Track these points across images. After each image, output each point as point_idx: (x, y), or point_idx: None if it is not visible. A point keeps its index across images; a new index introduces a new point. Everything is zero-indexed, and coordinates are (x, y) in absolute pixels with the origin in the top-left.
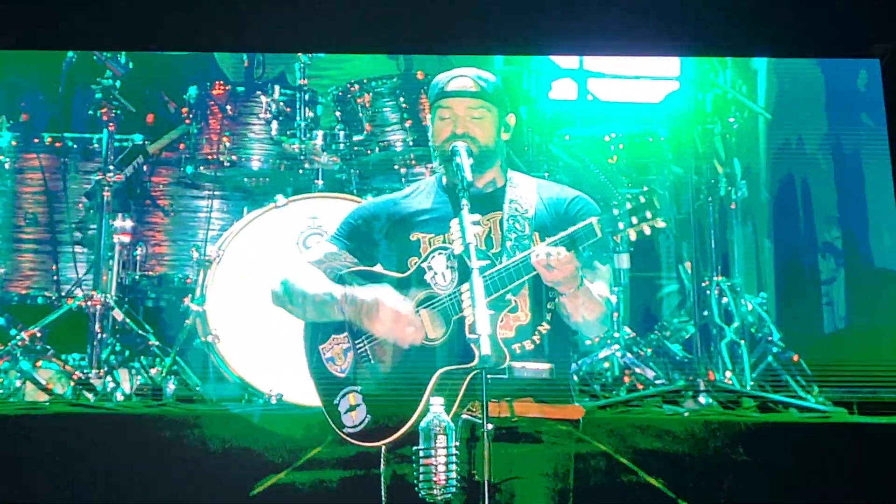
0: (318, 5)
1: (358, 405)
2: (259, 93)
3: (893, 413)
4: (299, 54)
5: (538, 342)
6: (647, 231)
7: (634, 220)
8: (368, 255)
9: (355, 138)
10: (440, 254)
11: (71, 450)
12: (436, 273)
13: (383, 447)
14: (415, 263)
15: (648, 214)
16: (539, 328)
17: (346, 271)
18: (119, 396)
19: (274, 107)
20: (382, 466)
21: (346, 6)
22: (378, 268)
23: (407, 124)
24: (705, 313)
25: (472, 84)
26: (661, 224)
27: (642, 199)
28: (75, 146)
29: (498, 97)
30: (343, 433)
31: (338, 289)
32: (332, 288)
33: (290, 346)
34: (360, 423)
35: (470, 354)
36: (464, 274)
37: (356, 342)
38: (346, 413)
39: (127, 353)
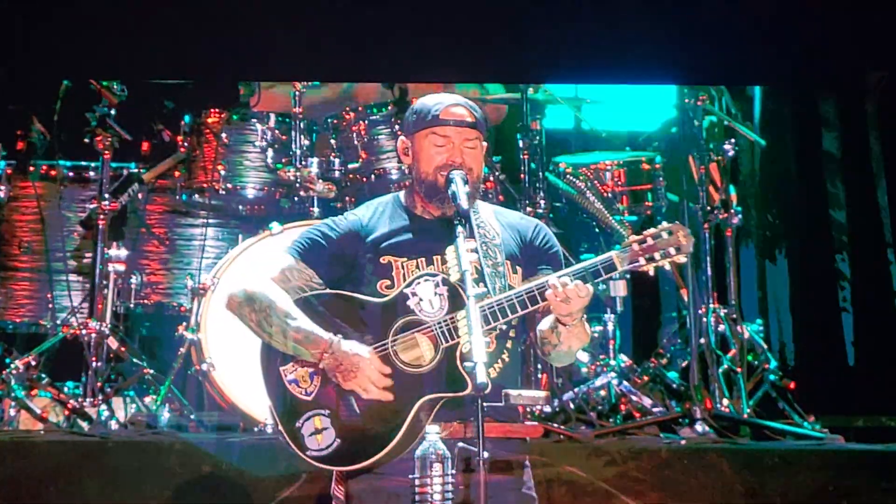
0: (312, 35)
1: (325, 428)
2: (254, 120)
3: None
4: (295, 83)
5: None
6: (668, 267)
7: (657, 255)
8: (332, 275)
9: (350, 166)
10: (426, 280)
11: (65, 477)
12: (421, 299)
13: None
14: (386, 286)
15: (671, 251)
16: (502, 356)
17: (320, 293)
18: (114, 425)
19: (269, 134)
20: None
21: (340, 35)
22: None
23: None
24: (702, 340)
25: (468, 113)
26: (682, 260)
27: (665, 235)
28: (71, 174)
29: (485, 127)
30: (306, 456)
31: (322, 334)
32: (315, 331)
33: None
34: (329, 447)
35: (459, 382)
36: (455, 301)
37: None
38: (310, 436)
39: (121, 381)
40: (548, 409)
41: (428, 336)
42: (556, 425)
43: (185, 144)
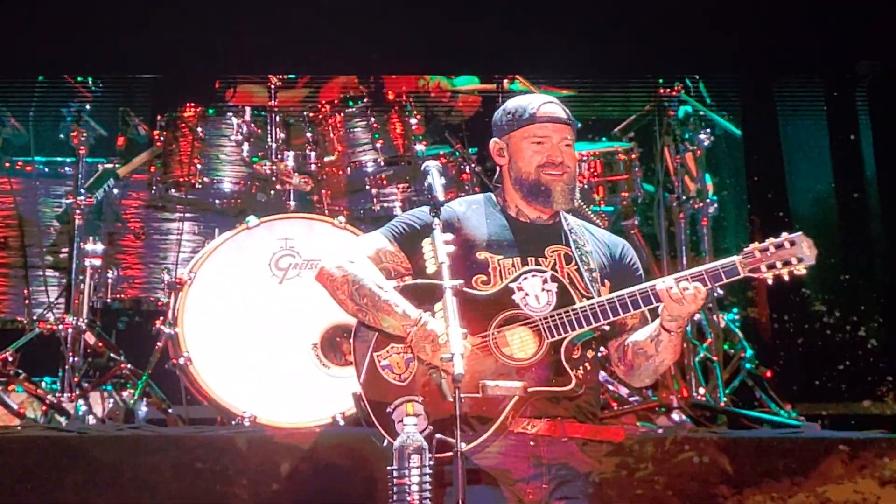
0: (287, 29)
1: (418, 415)
2: (230, 114)
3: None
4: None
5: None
6: (787, 277)
7: (779, 264)
8: (422, 262)
9: (327, 159)
10: (534, 276)
11: (43, 473)
12: (528, 294)
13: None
14: (482, 281)
15: (793, 261)
16: (585, 365)
17: (417, 282)
18: (91, 420)
19: (245, 128)
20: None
21: (315, 30)
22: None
23: (378, 144)
24: None
25: (562, 111)
26: (803, 271)
27: (787, 245)
28: (46, 170)
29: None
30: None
31: (412, 308)
32: (406, 305)
33: (264, 367)
34: (420, 433)
35: (562, 378)
36: (563, 298)
37: None
38: (401, 422)
39: (98, 376)
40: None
41: (532, 330)
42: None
43: (161, 139)
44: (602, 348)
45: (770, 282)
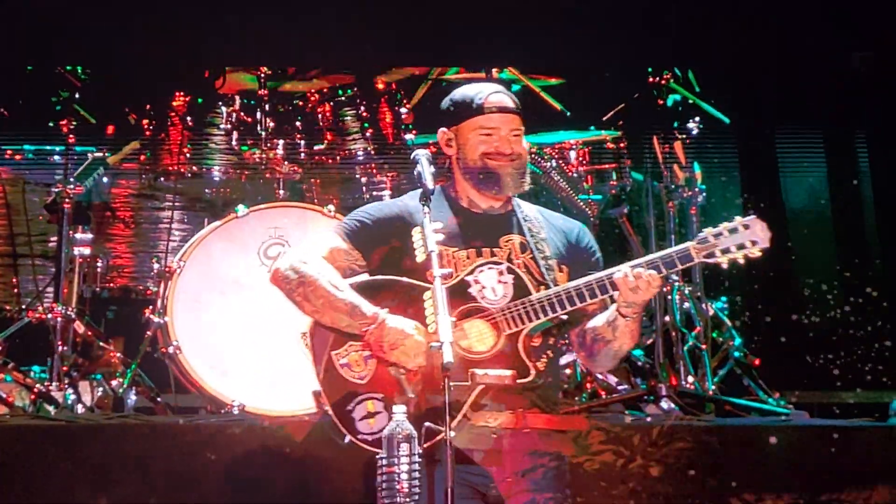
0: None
1: (378, 412)
2: (220, 103)
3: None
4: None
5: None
6: (742, 261)
7: (733, 248)
8: (376, 259)
9: (316, 147)
10: (490, 268)
11: (31, 462)
12: (484, 287)
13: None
14: (433, 275)
15: (747, 244)
16: (548, 352)
17: (373, 279)
18: (80, 409)
19: (234, 117)
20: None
21: (305, 21)
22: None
23: (368, 133)
24: (667, 318)
25: (510, 100)
26: (758, 254)
27: (741, 228)
28: (35, 158)
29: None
30: (357, 439)
31: (368, 306)
32: (362, 303)
33: (253, 356)
34: (381, 430)
35: (521, 370)
36: (520, 289)
37: None
38: (361, 420)
39: (88, 365)
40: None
41: (490, 322)
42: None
43: (151, 128)
44: (562, 337)
45: (725, 266)
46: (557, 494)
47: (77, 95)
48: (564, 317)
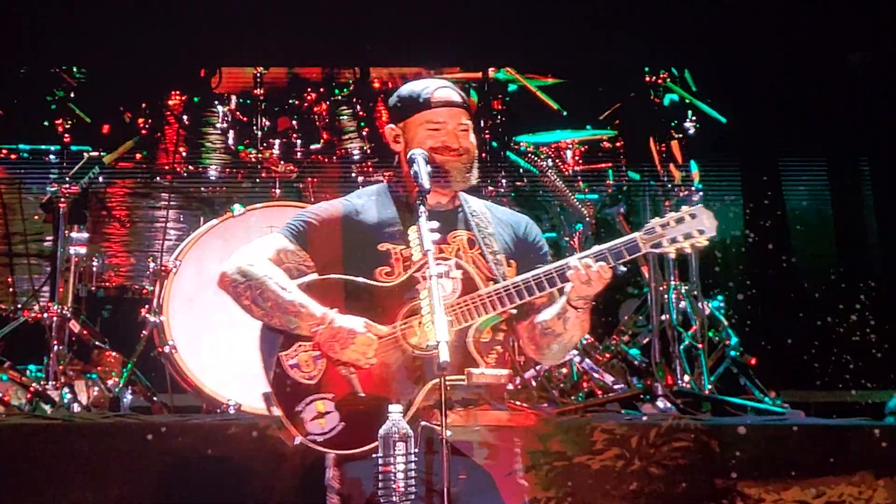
0: (274, 17)
1: (328, 412)
2: (216, 102)
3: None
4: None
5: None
6: (690, 250)
7: (680, 237)
8: (324, 259)
9: (312, 147)
10: (437, 264)
11: (28, 461)
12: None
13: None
14: (385, 273)
15: (695, 233)
16: (497, 348)
17: (321, 278)
18: (76, 408)
19: (230, 116)
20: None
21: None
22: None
23: (364, 132)
24: (664, 317)
25: (457, 95)
26: (705, 243)
27: (688, 218)
28: (31, 158)
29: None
30: (307, 439)
31: (317, 307)
32: (310, 304)
33: (249, 355)
34: (331, 431)
35: (469, 366)
36: (467, 286)
37: None
38: (312, 420)
39: (84, 364)
40: (510, 387)
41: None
42: (518, 403)
43: (147, 127)
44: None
45: (672, 256)
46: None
47: (72, 95)
48: (514, 311)
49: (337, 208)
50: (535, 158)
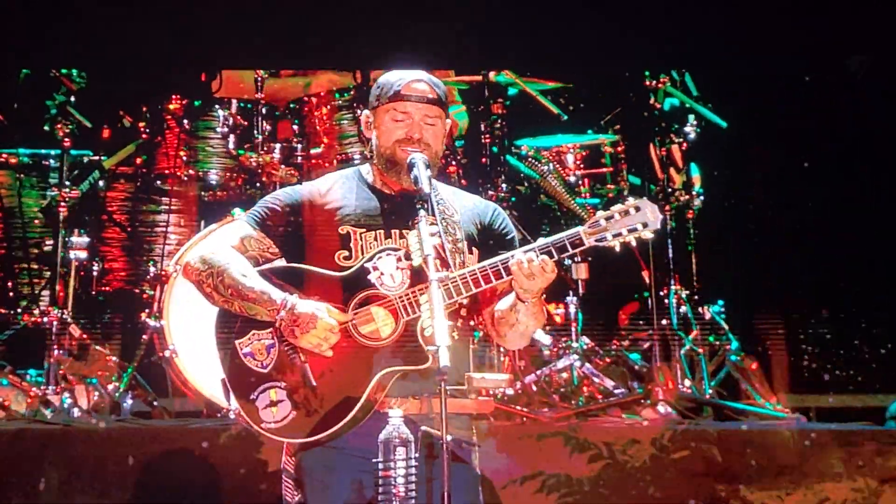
0: (275, 21)
1: (281, 401)
2: (216, 106)
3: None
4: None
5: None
6: (634, 243)
7: (625, 231)
8: (289, 244)
9: (313, 151)
10: (388, 255)
11: (28, 465)
12: (383, 273)
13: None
14: (344, 257)
15: (639, 226)
16: (452, 335)
17: (275, 266)
18: (76, 412)
19: (231, 120)
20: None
21: (303, 23)
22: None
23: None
24: (664, 322)
25: (430, 90)
26: (649, 236)
27: (633, 211)
28: (30, 162)
29: (447, 104)
30: (261, 428)
31: (277, 293)
32: (270, 290)
33: None
34: (284, 419)
35: (418, 356)
36: (417, 276)
37: (284, 340)
38: (265, 409)
39: (84, 368)
40: (510, 391)
41: (389, 310)
42: (518, 407)
43: (147, 131)
44: (472, 320)
45: (617, 249)
46: (465, 479)
47: (72, 99)
48: (464, 301)
49: (300, 192)
50: (536, 163)
